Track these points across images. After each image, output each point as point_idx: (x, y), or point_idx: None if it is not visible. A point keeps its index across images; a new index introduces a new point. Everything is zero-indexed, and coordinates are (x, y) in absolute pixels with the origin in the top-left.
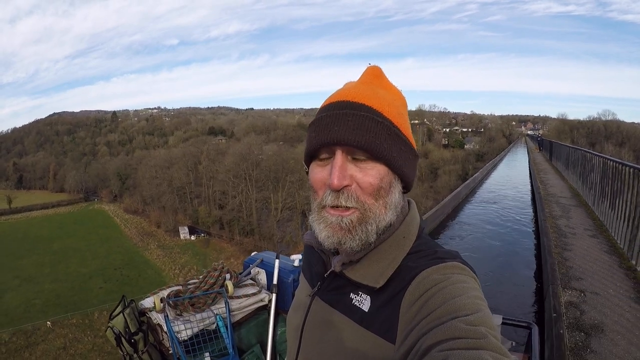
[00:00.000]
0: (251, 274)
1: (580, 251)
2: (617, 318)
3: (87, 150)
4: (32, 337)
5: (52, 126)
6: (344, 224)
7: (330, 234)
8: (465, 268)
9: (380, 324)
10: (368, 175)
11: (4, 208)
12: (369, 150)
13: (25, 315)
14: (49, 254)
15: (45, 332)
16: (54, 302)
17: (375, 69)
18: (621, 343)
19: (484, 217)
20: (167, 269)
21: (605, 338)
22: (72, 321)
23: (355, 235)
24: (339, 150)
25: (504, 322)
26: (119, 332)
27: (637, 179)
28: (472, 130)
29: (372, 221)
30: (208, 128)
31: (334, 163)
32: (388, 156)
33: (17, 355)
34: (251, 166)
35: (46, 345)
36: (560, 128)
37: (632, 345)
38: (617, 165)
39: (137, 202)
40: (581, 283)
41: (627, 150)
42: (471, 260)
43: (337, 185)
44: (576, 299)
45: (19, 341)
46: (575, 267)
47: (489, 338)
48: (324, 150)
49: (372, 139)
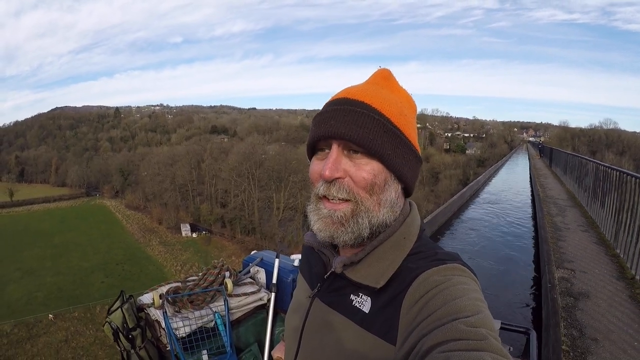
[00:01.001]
0: (250, 272)
1: (573, 242)
2: (600, 289)
3: (89, 145)
4: (34, 329)
5: (55, 120)
6: (337, 217)
7: (323, 227)
8: (465, 270)
9: (381, 325)
10: (362, 169)
11: (6, 201)
12: (362, 145)
13: (27, 308)
14: (50, 247)
15: (47, 324)
16: (56, 295)
17: (384, 71)
18: (603, 305)
19: (488, 215)
20: (169, 265)
21: (590, 302)
22: (74, 314)
23: (347, 228)
24: (335, 143)
25: (502, 327)
26: (116, 328)
27: (621, 181)
28: (474, 135)
29: (364, 215)
30: (211, 126)
31: (329, 155)
32: (382, 152)
33: (18, 347)
34: (254, 165)
35: (48, 338)
36: (562, 135)
37: (612, 307)
38: (606, 169)
39: (139, 198)
40: (572, 264)
41: (627, 159)
42: (476, 252)
43: (329, 176)
44: (567, 275)
45: (20, 333)
46: (568, 253)
47: (490, 340)
48: (322, 144)
49: (366, 134)
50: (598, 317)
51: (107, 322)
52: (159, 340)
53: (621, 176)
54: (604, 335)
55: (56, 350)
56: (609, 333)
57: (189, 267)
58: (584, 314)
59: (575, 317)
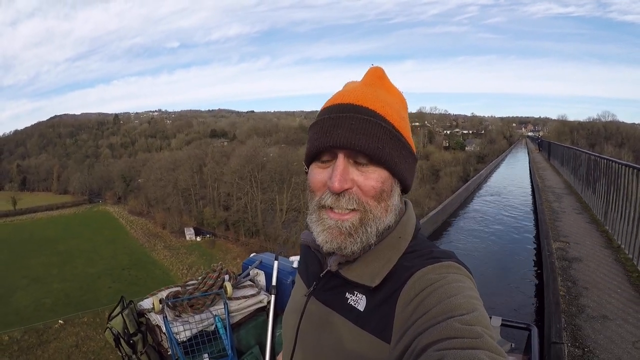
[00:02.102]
0: (250, 275)
1: (568, 222)
2: (590, 255)
3: (90, 152)
4: (44, 335)
5: (55, 128)
6: (345, 228)
7: (329, 238)
8: (460, 267)
9: (376, 324)
10: (370, 179)
11: (9, 209)
12: (371, 155)
13: (36, 314)
14: (55, 254)
15: (56, 330)
16: (64, 302)
17: (377, 70)
18: (592, 266)
19: (490, 206)
20: (175, 269)
21: (582, 264)
22: (83, 320)
23: (357, 238)
24: (341, 153)
25: (503, 324)
26: (117, 333)
27: (609, 168)
28: (473, 132)
29: (372, 223)
30: (210, 130)
31: (335, 166)
32: (390, 161)
33: (29, 353)
34: (256, 168)
35: (58, 343)
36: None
37: (599, 267)
38: (596, 158)
39: (142, 204)
40: (567, 238)
41: (626, 150)
42: (483, 234)
43: (338, 189)
44: (563, 246)
45: (30, 339)
46: (563, 230)
47: (485, 337)
48: (325, 153)
49: (375, 143)
50: (588, 273)
51: (108, 328)
52: (160, 345)
53: (608, 163)
54: (592, 285)
55: (67, 355)
56: (597, 284)
57: (195, 270)
58: (577, 272)
59: (569, 274)
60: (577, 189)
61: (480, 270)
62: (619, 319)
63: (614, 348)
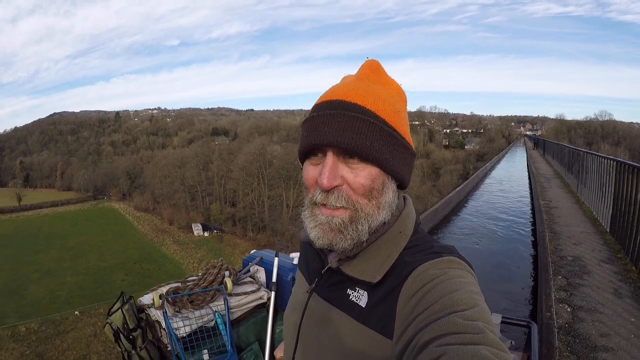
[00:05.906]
0: (250, 271)
1: (553, 193)
2: (566, 209)
3: (92, 149)
4: (61, 325)
5: (56, 126)
6: (334, 224)
7: (321, 234)
8: (462, 263)
9: (378, 320)
10: (359, 176)
11: (14, 205)
12: (359, 152)
13: (51, 306)
14: (65, 249)
15: (74, 320)
16: (79, 294)
17: (372, 62)
18: (567, 215)
19: (496, 194)
20: (186, 263)
21: (560, 211)
22: (99, 310)
23: (346, 235)
24: (330, 151)
25: (503, 321)
26: (117, 328)
27: (579, 156)
28: (472, 131)
29: (363, 221)
30: (211, 129)
31: (324, 163)
32: (380, 158)
33: (48, 343)
34: (264, 165)
35: (76, 333)
36: (558, 128)
37: (573, 215)
38: (572, 150)
39: (148, 200)
40: (552, 202)
41: (622, 149)
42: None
43: (327, 186)
44: (549, 204)
45: (48, 330)
46: (550, 197)
47: (487, 333)
48: (316, 150)
49: (362, 141)
50: (567, 221)
51: (108, 323)
52: (160, 341)
53: (578, 152)
54: (568, 229)
55: (87, 344)
56: (570, 228)
57: (206, 264)
58: (558, 219)
59: (551, 214)
60: (562, 174)
61: (481, 267)
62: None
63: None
